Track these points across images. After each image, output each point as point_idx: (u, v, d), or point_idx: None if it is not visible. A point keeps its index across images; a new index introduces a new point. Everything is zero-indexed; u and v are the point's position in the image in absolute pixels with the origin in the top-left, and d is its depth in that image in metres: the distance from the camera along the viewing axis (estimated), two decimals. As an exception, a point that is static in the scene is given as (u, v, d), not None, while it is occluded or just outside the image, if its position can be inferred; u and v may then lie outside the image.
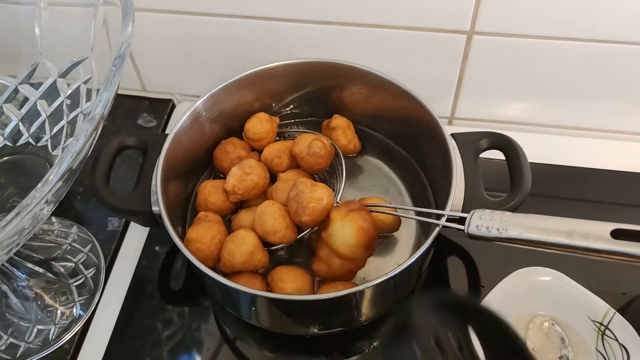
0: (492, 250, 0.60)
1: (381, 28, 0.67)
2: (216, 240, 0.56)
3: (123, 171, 0.71)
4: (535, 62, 0.68)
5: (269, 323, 0.57)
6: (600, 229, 0.42)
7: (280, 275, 0.56)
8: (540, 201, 0.67)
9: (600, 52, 0.65)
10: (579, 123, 0.75)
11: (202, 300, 0.63)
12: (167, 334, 0.61)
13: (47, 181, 0.40)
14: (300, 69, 0.66)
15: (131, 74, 0.81)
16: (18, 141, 0.62)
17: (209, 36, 0.73)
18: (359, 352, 0.58)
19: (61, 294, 0.63)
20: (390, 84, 0.63)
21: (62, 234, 0.68)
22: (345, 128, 0.67)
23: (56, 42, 0.58)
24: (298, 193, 0.55)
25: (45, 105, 0.60)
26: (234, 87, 0.64)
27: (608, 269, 0.60)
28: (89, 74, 0.55)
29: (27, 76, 0.59)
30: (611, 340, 0.52)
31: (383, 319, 0.59)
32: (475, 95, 0.74)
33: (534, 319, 0.55)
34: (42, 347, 0.60)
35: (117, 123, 0.80)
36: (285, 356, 0.59)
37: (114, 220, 0.70)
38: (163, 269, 0.66)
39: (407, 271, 0.50)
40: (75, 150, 0.41)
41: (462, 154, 0.58)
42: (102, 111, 0.43)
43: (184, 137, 0.62)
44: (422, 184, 0.66)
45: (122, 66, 0.45)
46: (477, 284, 0.62)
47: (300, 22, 0.68)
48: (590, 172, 0.71)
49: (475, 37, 0.66)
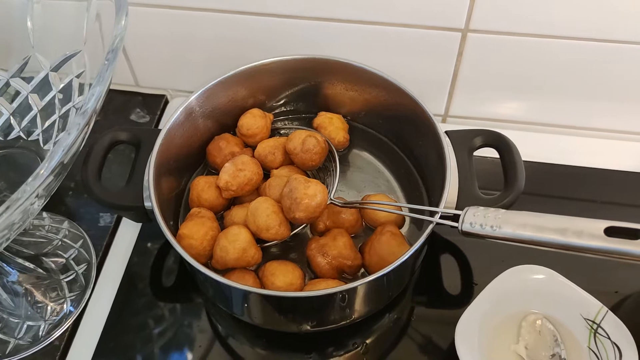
0: (485, 248, 0.60)
1: (376, 25, 0.67)
2: (209, 237, 0.56)
3: (115, 167, 0.71)
4: (530, 61, 0.68)
5: (261, 320, 0.57)
6: (593, 227, 0.42)
7: (272, 269, 0.56)
8: (534, 200, 0.68)
9: (594, 51, 0.65)
10: (573, 122, 0.75)
11: (194, 297, 0.63)
12: (159, 330, 0.60)
13: (38, 175, 0.39)
14: (294, 65, 0.65)
15: (124, 69, 0.81)
16: (9, 135, 0.62)
17: (202, 32, 0.73)
18: (352, 349, 0.58)
19: (52, 289, 0.63)
20: (385, 81, 0.63)
21: (53, 229, 0.67)
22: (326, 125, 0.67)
23: (48, 35, 0.57)
24: (292, 189, 0.55)
25: (37, 99, 0.59)
26: (227, 83, 0.64)
27: (601, 267, 0.61)
28: (82, 68, 0.55)
29: (18, 70, 0.59)
30: (603, 339, 0.52)
31: (376, 316, 0.59)
32: (469, 93, 0.74)
33: (527, 317, 0.55)
34: (32, 344, 0.59)
35: (110, 118, 0.79)
36: (277, 353, 0.59)
37: (106, 216, 0.69)
38: (155, 265, 0.65)
39: (400, 268, 0.50)
40: (67, 145, 0.41)
41: (456, 152, 0.58)
42: (95, 105, 0.43)
43: (177, 132, 0.61)
44: (416, 181, 0.66)
45: (115, 60, 0.45)
46: (470, 282, 0.62)
47: (294, 18, 0.68)
48: (584, 171, 0.71)
49: (469, 34, 0.66)
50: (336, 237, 0.57)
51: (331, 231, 0.58)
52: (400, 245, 0.56)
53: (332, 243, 0.56)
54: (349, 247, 0.57)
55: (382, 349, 0.58)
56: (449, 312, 0.60)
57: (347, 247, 0.57)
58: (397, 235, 0.57)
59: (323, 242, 0.57)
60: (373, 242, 0.57)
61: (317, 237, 0.59)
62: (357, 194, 0.65)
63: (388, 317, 0.60)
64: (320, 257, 0.56)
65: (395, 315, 0.60)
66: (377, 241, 0.56)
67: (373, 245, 0.56)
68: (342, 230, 0.58)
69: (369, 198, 0.61)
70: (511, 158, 0.57)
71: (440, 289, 0.62)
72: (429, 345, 0.58)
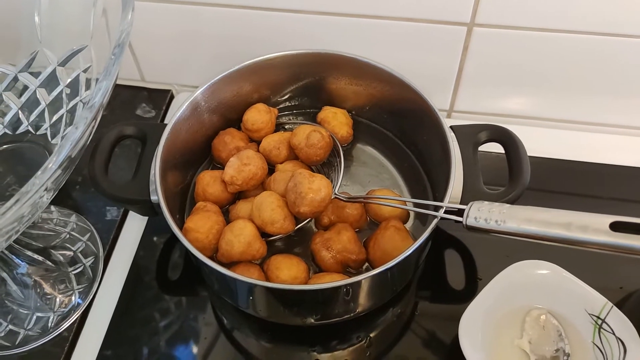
0: (490, 244, 0.60)
1: (381, 19, 0.67)
2: (214, 230, 0.56)
3: (121, 161, 0.71)
4: (536, 55, 0.67)
5: (266, 313, 0.57)
6: (599, 222, 0.42)
7: (276, 263, 0.56)
8: (539, 195, 0.67)
9: (601, 45, 0.65)
10: (579, 117, 0.75)
11: (200, 290, 0.63)
12: (165, 323, 0.61)
13: (47, 169, 0.40)
14: (299, 60, 0.65)
15: (130, 64, 0.81)
16: (17, 129, 0.62)
17: (208, 27, 0.73)
18: (356, 343, 0.59)
19: (60, 282, 0.64)
20: (390, 76, 0.62)
21: (61, 222, 0.68)
22: (330, 120, 0.67)
23: (56, 30, 0.58)
24: (296, 184, 0.55)
25: (44, 93, 0.59)
26: (232, 78, 0.64)
27: (605, 263, 0.61)
28: (89, 63, 0.55)
29: (26, 64, 0.59)
30: (608, 334, 0.52)
31: (380, 310, 0.59)
32: (474, 88, 0.74)
33: (531, 312, 0.56)
34: (41, 335, 0.60)
35: (116, 113, 0.80)
36: (282, 346, 0.59)
37: (113, 210, 0.70)
38: (161, 259, 0.66)
39: (405, 263, 0.50)
40: (74, 139, 0.41)
41: (461, 147, 0.58)
42: (102, 99, 0.43)
43: (183, 127, 0.62)
44: (420, 176, 0.66)
45: (121, 55, 0.45)
46: (474, 276, 0.62)
47: (299, 12, 0.68)
48: (589, 167, 0.71)
49: (475, 29, 0.66)
50: (340, 231, 0.57)
51: (335, 225, 0.58)
52: (405, 240, 0.56)
53: (336, 237, 0.57)
54: (353, 242, 0.57)
55: (385, 343, 0.59)
56: (452, 307, 0.61)
57: (352, 241, 0.57)
58: (401, 230, 0.57)
59: (327, 236, 0.57)
60: (377, 237, 0.57)
61: (322, 232, 0.59)
62: (361, 189, 0.65)
63: (392, 312, 0.60)
64: (324, 251, 0.57)
65: (399, 309, 0.61)
66: (381, 236, 0.57)
67: (377, 240, 0.57)
68: (346, 225, 0.58)
69: (374, 193, 0.61)
70: (516, 153, 0.56)
71: (444, 283, 0.62)
72: (433, 340, 0.59)
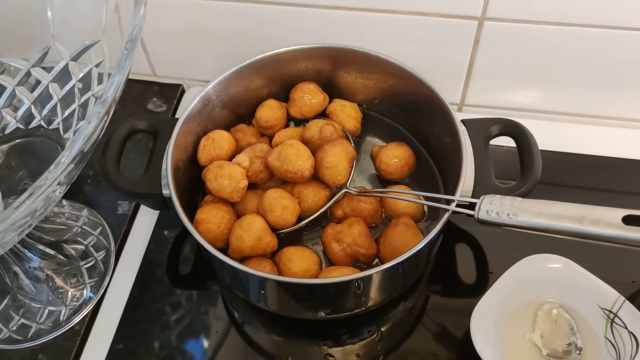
0: (501, 237, 0.60)
1: (392, 14, 0.67)
2: (225, 220, 0.57)
3: (133, 155, 0.72)
4: (547, 49, 0.67)
5: (277, 307, 0.57)
6: (611, 215, 0.42)
7: (288, 255, 0.56)
8: (551, 189, 0.67)
9: (613, 39, 0.64)
10: (591, 111, 0.74)
11: (211, 284, 0.63)
12: (176, 317, 0.61)
13: (60, 163, 0.40)
14: (310, 54, 0.65)
15: (141, 59, 0.82)
16: (30, 124, 0.63)
17: (219, 21, 0.73)
18: (367, 337, 0.59)
19: (72, 275, 0.64)
20: (401, 70, 0.62)
21: (73, 216, 0.69)
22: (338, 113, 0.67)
23: (68, 25, 0.58)
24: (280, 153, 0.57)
25: (57, 88, 0.60)
26: (243, 72, 0.64)
27: (617, 257, 0.60)
28: (101, 58, 0.55)
29: (39, 59, 0.59)
30: (620, 328, 0.52)
31: (391, 304, 0.59)
32: (485, 82, 0.73)
33: (543, 306, 0.55)
34: (53, 328, 0.61)
35: (127, 108, 0.80)
36: (293, 340, 0.59)
37: (124, 204, 0.70)
38: (172, 253, 0.66)
39: (416, 257, 0.50)
40: (87, 133, 0.41)
41: (473, 140, 0.58)
42: (114, 94, 0.44)
43: (194, 121, 0.62)
44: (431, 170, 0.66)
45: (133, 50, 0.45)
46: (485, 271, 0.62)
47: (311, 7, 0.68)
48: (601, 160, 0.70)
49: (486, 23, 0.65)
50: (352, 224, 0.57)
51: (348, 219, 0.58)
52: (414, 236, 0.56)
53: (347, 230, 0.57)
54: (364, 236, 0.57)
55: (397, 337, 0.59)
56: (464, 301, 0.61)
57: (362, 235, 0.57)
58: (411, 226, 0.57)
59: (339, 229, 0.57)
60: (387, 233, 0.57)
61: (334, 224, 0.59)
62: (370, 183, 0.65)
63: (403, 306, 0.60)
64: (335, 243, 0.57)
65: (410, 303, 0.61)
66: (391, 232, 0.57)
67: (387, 237, 0.57)
68: (358, 219, 0.58)
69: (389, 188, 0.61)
70: (528, 147, 0.56)
71: (456, 278, 0.62)
72: (444, 334, 0.59)
